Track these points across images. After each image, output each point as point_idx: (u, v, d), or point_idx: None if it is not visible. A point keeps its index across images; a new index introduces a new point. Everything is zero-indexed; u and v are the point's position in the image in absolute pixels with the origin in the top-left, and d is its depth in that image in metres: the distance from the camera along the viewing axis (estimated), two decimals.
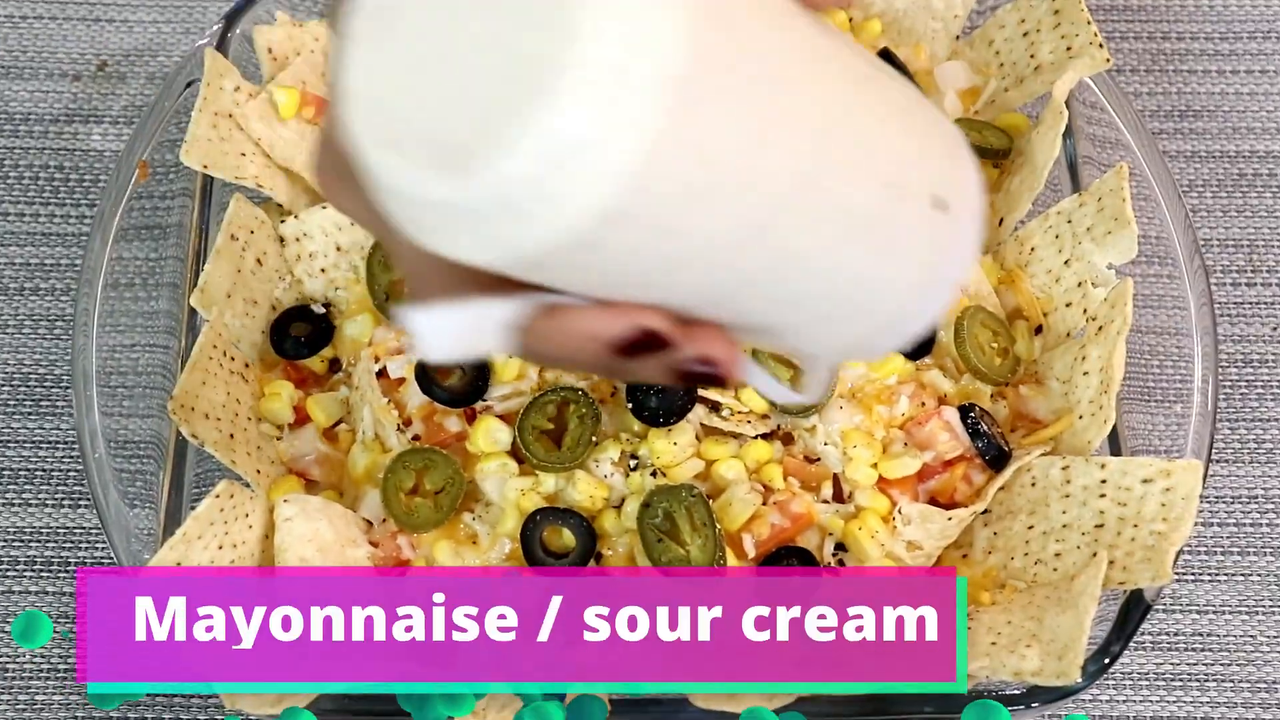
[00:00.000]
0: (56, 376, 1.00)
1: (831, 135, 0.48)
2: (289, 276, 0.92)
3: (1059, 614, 0.77)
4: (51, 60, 1.10)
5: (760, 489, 0.84)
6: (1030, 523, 0.83)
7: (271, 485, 0.85)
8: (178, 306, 0.89)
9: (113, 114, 1.08)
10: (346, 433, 0.89)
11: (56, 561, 0.94)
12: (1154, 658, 0.93)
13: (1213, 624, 0.94)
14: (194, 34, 1.10)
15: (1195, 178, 1.06)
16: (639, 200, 0.44)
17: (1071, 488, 0.82)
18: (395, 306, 0.49)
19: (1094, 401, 0.84)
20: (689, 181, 0.45)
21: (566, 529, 0.83)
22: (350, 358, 0.90)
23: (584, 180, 0.43)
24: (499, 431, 0.85)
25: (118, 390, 0.86)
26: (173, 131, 0.91)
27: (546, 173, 0.43)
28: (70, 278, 1.02)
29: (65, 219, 1.04)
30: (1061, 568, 0.81)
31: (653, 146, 0.43)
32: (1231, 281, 1.03)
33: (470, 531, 0.85)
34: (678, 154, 0.44)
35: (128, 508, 0.82)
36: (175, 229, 0.92)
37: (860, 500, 0.84)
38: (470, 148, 0.44)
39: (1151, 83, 1.10)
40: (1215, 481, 0.97)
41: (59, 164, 1.06)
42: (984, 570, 0.84)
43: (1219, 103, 1.09)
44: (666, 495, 0.82)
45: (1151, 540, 0.78)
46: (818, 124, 0.48)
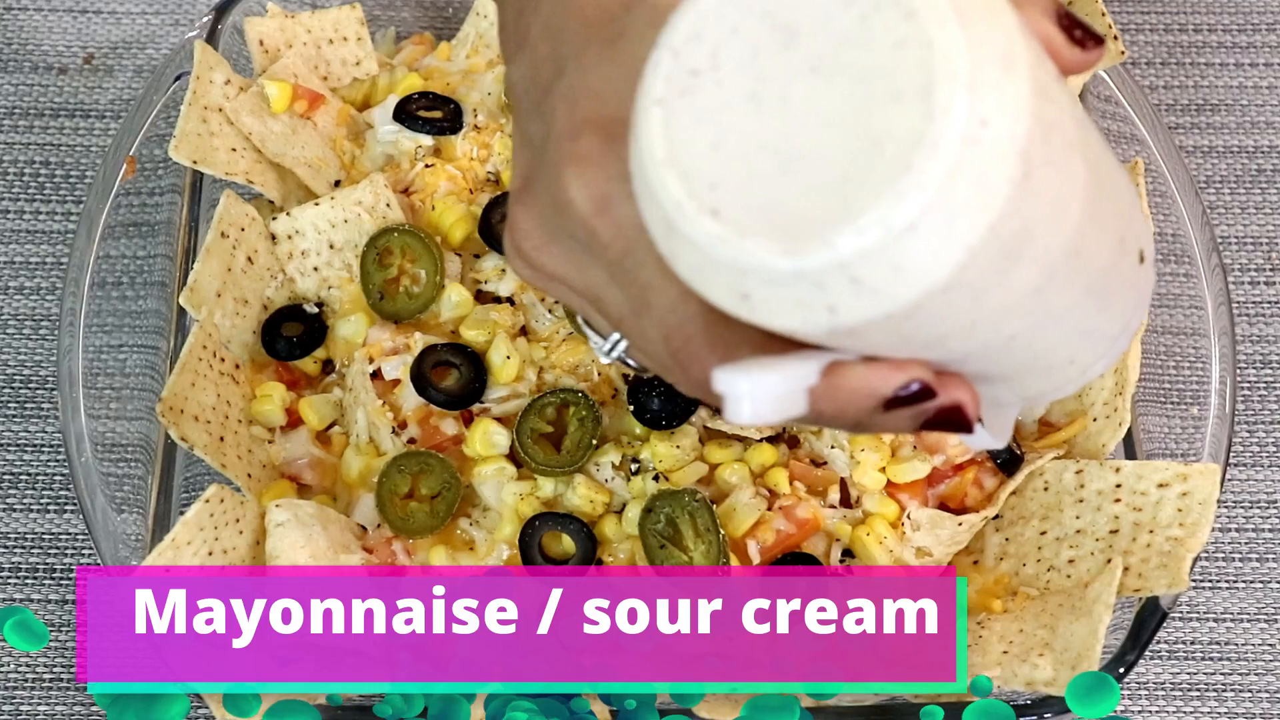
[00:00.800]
0: (42, 378, 1.00)
1: (1094, 197, 0.50)
2: (281, 275, 0.92)
3: (1072, 622, 0.77)
4: (36, 53, 1.10)
5: (765, 494, 0.84)
6: (1043, 528, 0.83)
7: (263, 490, 0.85)
8: (166, 306, 0.90)
9: (99, 108, 1.08)
10: (340, 436, 0.89)
11: (42, 568, 0.94)
12: (1170, 667, 0.93)
13: (1231, 632, 0.94)
14: (183, 26, 1.10)
15: (1213, 173, 1.06)
16: (969, 271, 0.45)
17: (1085, 492, 0.82)
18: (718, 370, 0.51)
19: (1108, 404, 0.84)
20: (1009, 251, 0.46)
21: (566, 535, 0.83)
22: (344, 358, 0.90)
23: (929, 256, 0.44)
24: (497, 434, 0.85)
25: (105, 392, 0.86)
26: (161, 126, 0.91)
27: (894, 249, 0.44)
28: (56, 276, 1.02)
29: (51, 216, 1.04)
30: (1075, 574, 0.81)
31: (996, 219, 0.45)
32: (1250, 280, 1.03)
33: (467, 537, 0.85)
34: (1009, 224, 0.45)
35: (115, 513, 0.82)
36: (164, 226, 0.92)
37: (868, 505, 0.84)
38: (817, 222, 0.45)
39: (1168, 75, 1.10)
40: (1233, 486, 0.97)
41: (44, 159, 1.06)
42: (995, 577, 0.84)
43: (1237, 96, 1.09)
44: (669, 500, 0.82)
45: (1168, 546, 0.78)
46: (1090, 188, 0.50)
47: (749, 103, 0.47)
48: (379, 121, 0.95)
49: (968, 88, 0.44)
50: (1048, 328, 0.52)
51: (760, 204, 0.46)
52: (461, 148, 0.94)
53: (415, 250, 0.89)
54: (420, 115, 0.94)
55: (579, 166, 0.53)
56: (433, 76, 0.98)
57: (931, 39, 0.44)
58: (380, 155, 0.95)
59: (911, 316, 0.46)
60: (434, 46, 1.01)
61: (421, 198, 0.93)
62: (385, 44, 1.03)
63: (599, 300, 0.56)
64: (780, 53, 0.47)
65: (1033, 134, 0.45)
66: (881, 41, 0.45)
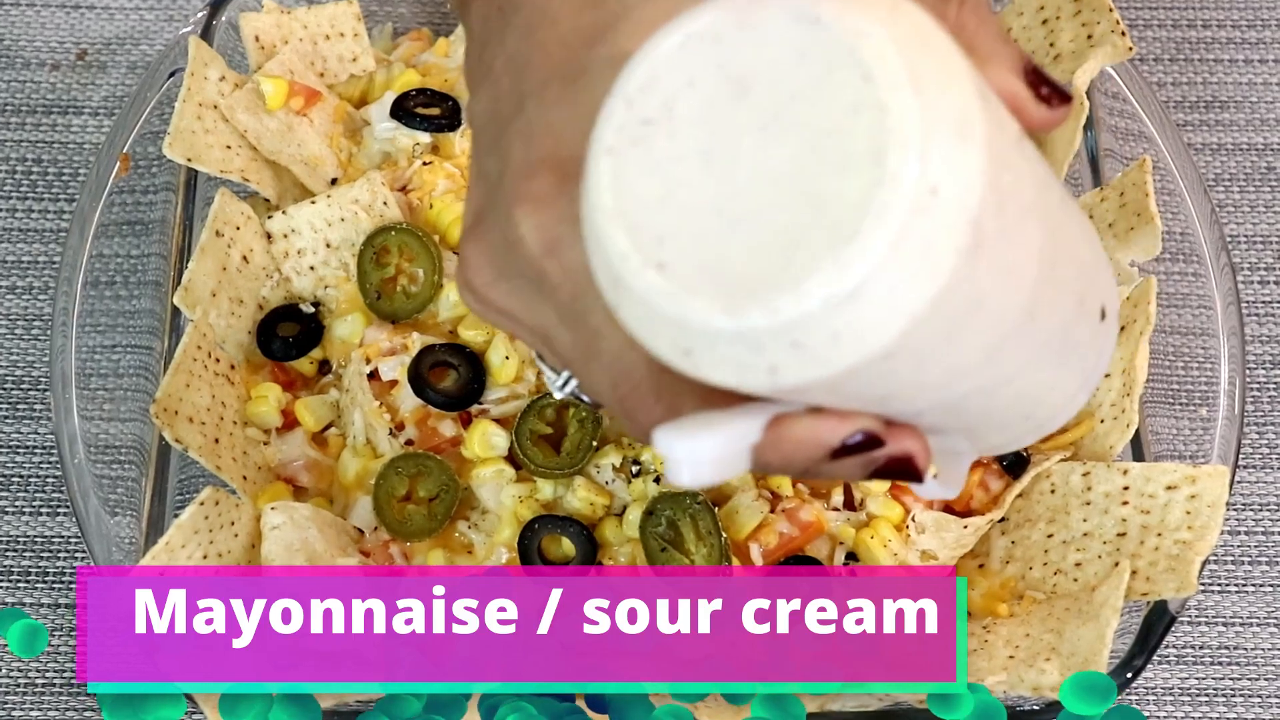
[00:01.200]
0: (34, 379, 1.00)
1: (1051, 260, 0.50)
2: (276, 274, 0.92)
3: (1079, 626, 0.77)
4: (29, 49, 1.10)
5: (768, 496, 0.84)
6: (1049, 531, 0.83)
7: (258, 492, 0.85)
8: (160, 306, 0.90)
9: (93, 105, 1.08)
10: (336, 437, 0.89)
11: (34, 572, 0.94)
12: (1179, 672, 0.93)
13: (1240, 637, 0.94)
14: (177, 21, 1.10)
15: (1222, 171, 1.07)
16: (913, 337, 0.45)
17: (1092, 495, 0.82)
18: (658, 431, 0.51)
19: (1116, 405, 0.84)
20: (957, 318, 0.46)
21: (566, 538, 0.83)
22: (340, 359, 0.90)
23: (872, 323, 0.44)
24: (495, 436, 0.85)
25: (98, 393, 0.86)
26: (155, 123, 0.91)
27: (835, 315, 0.44)
28: (49, 275, 1.02)
29: (43, 214, 1.04)
30: (1082, 578, 0.81)
31: (943, 289, 0.44)
32: (1259, 280, 1.03)
33: (465, 540, 0.85)
34: (957, 293, 0.45)
35: (108, 515, 0.82)
36: (158, 225, 0.92)
37: (872, 508, 0.84)
38: (760, 285, 0.45)
39: (1176, 72, 1.10)
40: (1242, 488, 0.97)
41: (36, 157, 1.06)
42: (1001, 581, 0.84)
43: (1247, 93, 1.09)
44: (670, 503, 0.82)
45: (1176, 550, 0.78)
46: (1047, 251, 0.49)
47: (700, 157, 0.46)
48: (376, 119, 0.95)
49: (919, 156, 0.43)
50: (1001, 388, 0.52)
51: (705, 261, 0.46)
52: (460, 145, 0.94)
53: (413, 249, 0.89)
54: (418, 112, 0.94)
55: (531, 206, 0.53)
56: (430, 73, 0.98)
57: (886, 104, 0.44)
58: (377, 153, 0.95)
59: (855, 378, 0.46)
60: (431, 42, 1.01)
61: (419, 196, 0.93)
62: (382, 40, 1.03)
63: (549, 339, 0.56)
64: (732, 107, 0.46)
65: (985, 202, 0.44)
66: (835, 103, 0.45)
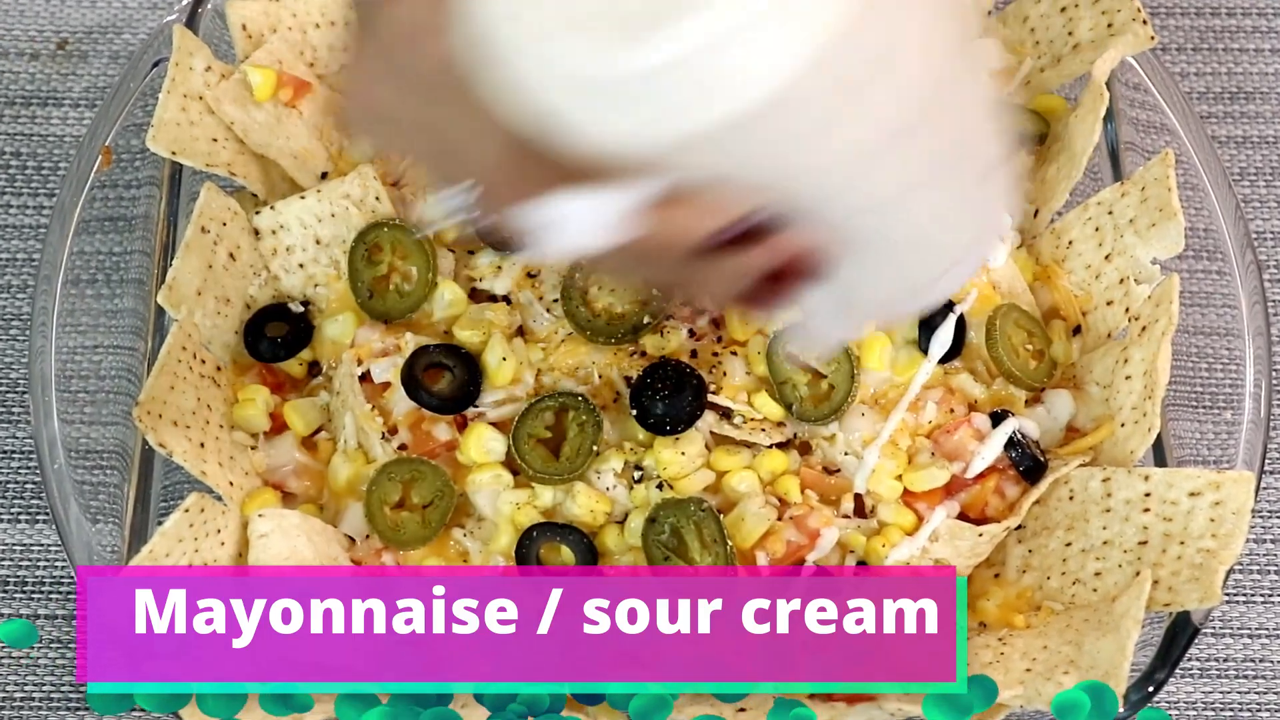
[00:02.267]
0: (13, 380, 1.00)
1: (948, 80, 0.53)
2: (264, 272, 0.92)
3: (1099, 638, 0.77)
4: (7, 38, 1.10)
5: (775, 503, 0.84)
6: (1068, 539, 0.83)
7: (245, 498, 0.85)
8: (144, 305, 0.90)
9: (73, 96, 1.08)
10: (327, 441, 0.89)
11: (13, 581, 0.94)
12: (1202, 686, 0.93)
13: (1266, 649, 0.94)
14: (161, 9, 1.10)
15: (1247, 165, 1.07)
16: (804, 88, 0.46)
17: (1113, 501, 0.82)
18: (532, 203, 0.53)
19: (1137, 408, 0.84)
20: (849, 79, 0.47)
21: (565, 546, 0.83)
22: (331, 360, 0.90)
23: (769, 57, 0.45)
24: (492, 440, 0.85)
25: (79, 396, 0.86)
26: (138, 115, 0.91)
27: (726, 52, 0.45)
28: (28, 273, 1.02)
29: (22, 210, 1.05)
30: (1102, 588, 0.81)
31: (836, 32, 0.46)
32: None
33: (461, 549, 0.85)
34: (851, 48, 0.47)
35: (90, 523, 0.82)
36: (141, 221, 0.92)
37: (884, 515, 0.84)
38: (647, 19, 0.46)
39: (1199, 62, 1.10)
40: (1269, 495, 0.97)
41: (15, 150, 1.06)
42: (1018, 591, 0.84)
43: (1273, 83, 1.09)
44: (674, 510, 0.82)
45: (1199, 559, 0.78)
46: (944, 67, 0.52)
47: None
48: None
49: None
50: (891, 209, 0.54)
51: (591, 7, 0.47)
52: None
53: (406, 246, 0.90)
54: None
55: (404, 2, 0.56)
56: None
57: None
58: (369, 146, 0.95)
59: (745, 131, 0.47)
60: None
61: (413, 191, 0.93)
62: None
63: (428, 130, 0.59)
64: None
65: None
66: None
